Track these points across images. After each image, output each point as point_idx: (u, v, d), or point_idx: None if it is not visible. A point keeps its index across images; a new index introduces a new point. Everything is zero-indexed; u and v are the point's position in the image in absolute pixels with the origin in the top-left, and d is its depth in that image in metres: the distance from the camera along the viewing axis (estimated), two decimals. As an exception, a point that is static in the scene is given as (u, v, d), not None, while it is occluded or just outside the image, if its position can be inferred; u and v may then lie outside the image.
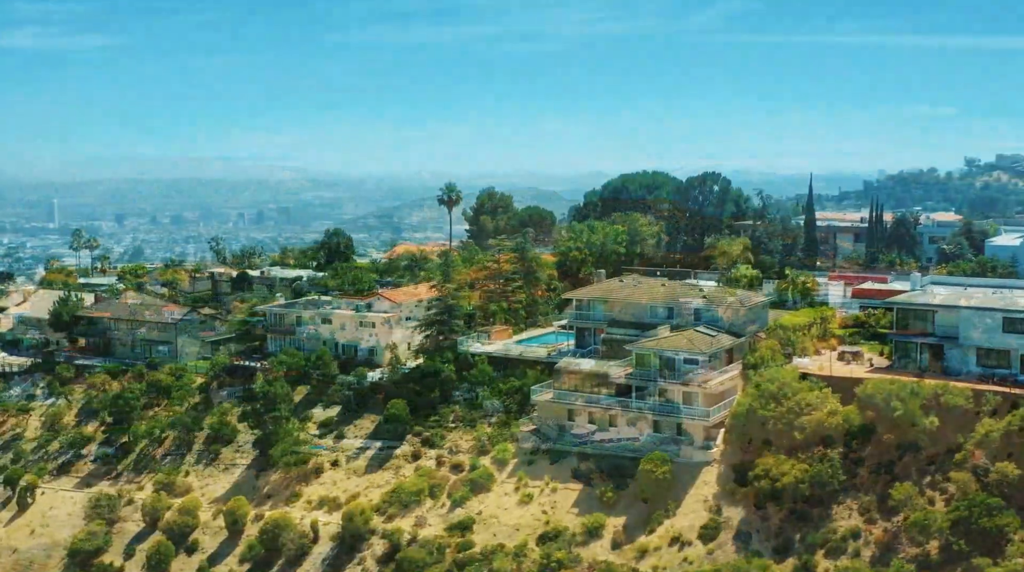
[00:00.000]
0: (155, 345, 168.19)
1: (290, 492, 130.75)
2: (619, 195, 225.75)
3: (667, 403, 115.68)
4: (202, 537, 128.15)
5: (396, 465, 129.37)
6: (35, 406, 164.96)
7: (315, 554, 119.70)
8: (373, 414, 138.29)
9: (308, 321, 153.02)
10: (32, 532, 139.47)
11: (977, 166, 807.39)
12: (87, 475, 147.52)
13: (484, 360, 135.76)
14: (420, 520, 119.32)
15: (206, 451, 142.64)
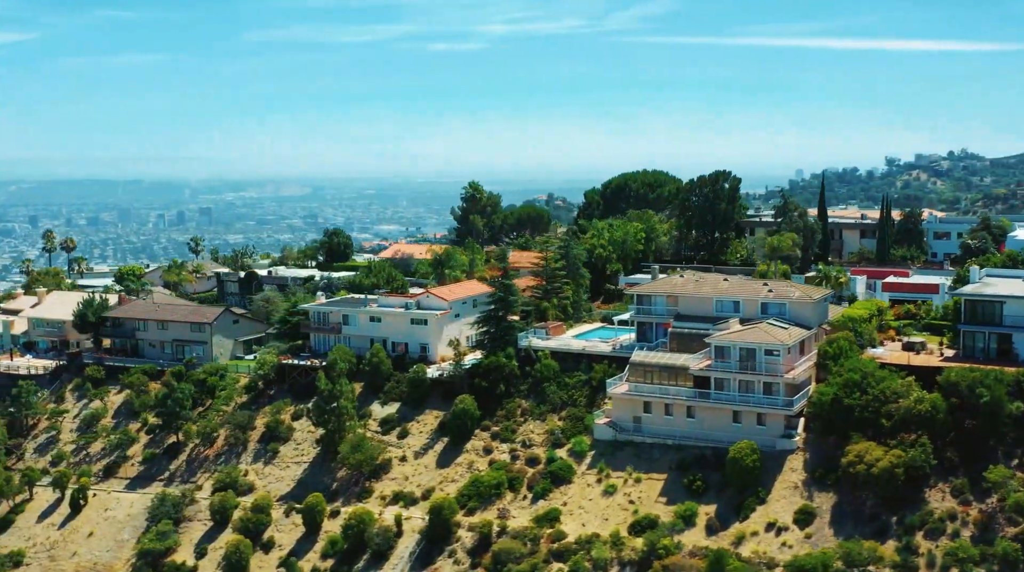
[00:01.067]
0: (187, 345, 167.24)
1: (360, 488, 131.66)
2: (621, 193, 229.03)
3: (748, 394, 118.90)
4: (276, 534, 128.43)
5: (468, 460, 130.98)
6: (67, 408, 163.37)
7: (400, 548, 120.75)
8: (436, 410, 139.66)
9: (357, 319, 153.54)
10: (90, 534, 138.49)
11: (897, 166, 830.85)
12: (137, 476, 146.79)
13: (547, 355, 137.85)
14: (503, 512, 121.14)
15: (263, 450, 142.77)
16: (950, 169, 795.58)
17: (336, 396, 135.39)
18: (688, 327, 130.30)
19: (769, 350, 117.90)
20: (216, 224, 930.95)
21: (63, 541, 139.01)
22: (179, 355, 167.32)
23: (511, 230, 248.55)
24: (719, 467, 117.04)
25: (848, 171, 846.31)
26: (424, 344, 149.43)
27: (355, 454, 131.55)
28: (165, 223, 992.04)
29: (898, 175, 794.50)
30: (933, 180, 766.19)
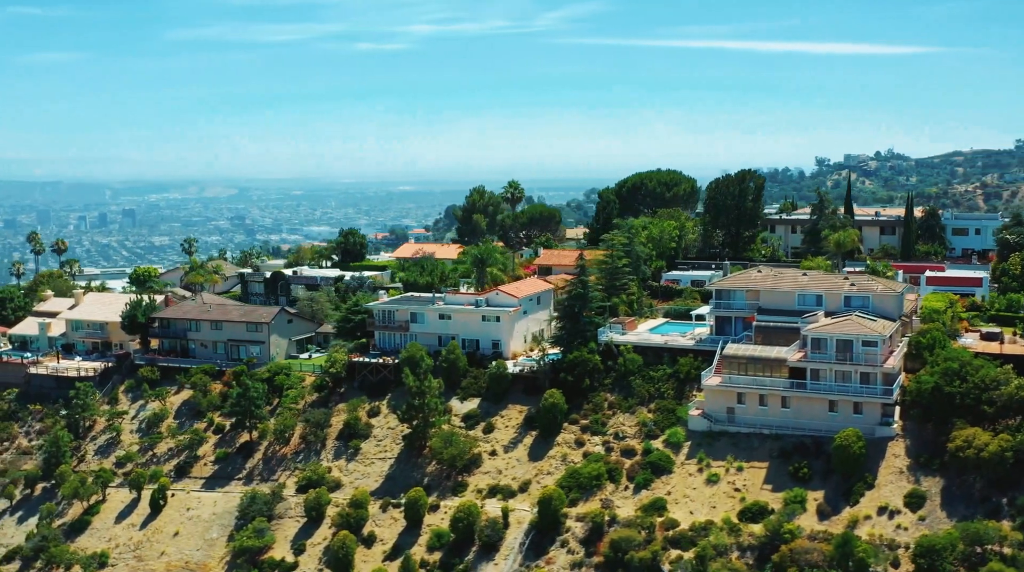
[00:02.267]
0: (242, 345, 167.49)
1: (453, 482, 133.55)
2: (637, 192, 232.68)
3: (845, 384, 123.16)
4: (376, 529, 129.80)
5: (561, 453, 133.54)
6: (122, 409, 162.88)
7: (510, 539, 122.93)
8: (519, 405, 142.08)
9: (426, 317, 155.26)
10: (176, 534, 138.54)
11: (827, 165, 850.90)
12: (212, 476, 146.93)
13: (629, 349, 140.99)
14: (606, 503, 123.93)
15: (343, 447, 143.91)
16: (877, 169, 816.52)
17: (424, 392, 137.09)
18: (773, 321, 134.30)
19: (867, 341, 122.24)
20: (140, 226, 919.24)
21: (147, 541, 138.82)
22: (234, 355, 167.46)
23: (521, 229, 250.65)
24: (819, 454, 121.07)
25: (780, 171, 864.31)
26: (496, 340, 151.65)
27: (448, 449, 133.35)
28: (87, 225, 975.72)
29: (828, 175, 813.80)
30: (862, 180, 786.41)
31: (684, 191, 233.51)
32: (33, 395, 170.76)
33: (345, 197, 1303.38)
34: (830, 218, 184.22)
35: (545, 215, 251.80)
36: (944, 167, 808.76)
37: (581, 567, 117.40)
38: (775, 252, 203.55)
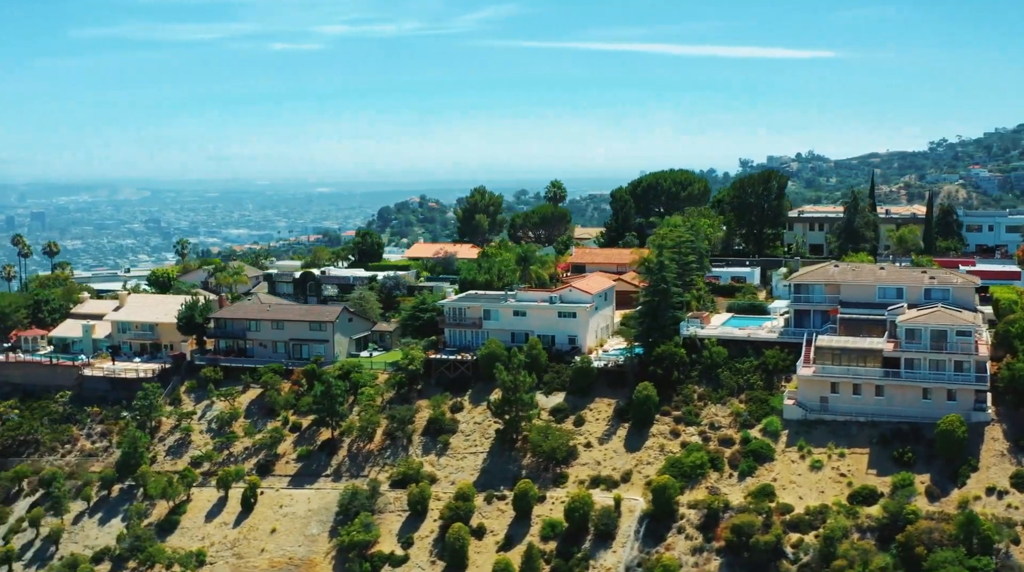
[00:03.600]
0: (304, 344, 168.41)
1: (553, 474, 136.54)
2: (653, 191, 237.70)
3: (939, 372, 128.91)
4: (484, 521, 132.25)
5: (658, 443, 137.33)
6: (187, 409, 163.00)
7: (624, 527, 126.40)
8: (606, 398, 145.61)
9: (500, 314, 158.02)
10: (273, 531, 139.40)
11: (751, 167, 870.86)
12: (297, 474, 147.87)
13: (714, 342, 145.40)
14: (713, 490, 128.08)
15: (431, 442, 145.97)
16: (799, 170, 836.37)
17: (517, 387, 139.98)
18: (856, 313, 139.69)
19: (961, 331, 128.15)
20: (50, 229, 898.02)
21: (244, 539, 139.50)
22: (296, 354, 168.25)
23: (532, 229, 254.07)
24: (919, 440, 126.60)
25: (705, 173, 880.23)
26: (573, 336, 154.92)
27: (546, 442, 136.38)
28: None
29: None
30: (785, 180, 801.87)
31: (697, 190, 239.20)
32: (87, 397, 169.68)
33: (263, 199, 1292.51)
34: (864, 215, 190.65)
35: (556, 215, 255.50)
36: (862, 168, 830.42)
37: (702, 552, 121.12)
38: (799, 249, 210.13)
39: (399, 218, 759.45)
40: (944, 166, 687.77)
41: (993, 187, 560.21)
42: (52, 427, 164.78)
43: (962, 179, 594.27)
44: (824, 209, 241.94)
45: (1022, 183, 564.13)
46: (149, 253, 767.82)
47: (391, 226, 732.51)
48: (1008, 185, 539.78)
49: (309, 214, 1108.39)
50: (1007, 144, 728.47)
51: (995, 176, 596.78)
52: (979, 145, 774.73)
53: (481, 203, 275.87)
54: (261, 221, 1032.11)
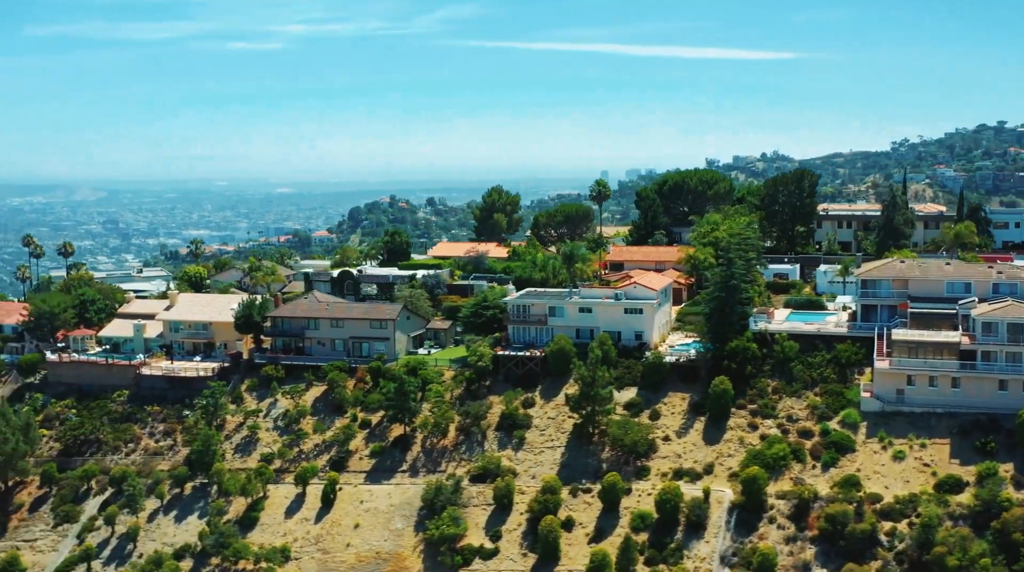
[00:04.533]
0: (364, 342, 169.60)
1: (633, 467, 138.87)
2: (679, 190, 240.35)
3: (1016, 364, 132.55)
4: (572, 513, 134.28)
5: (737, 436, 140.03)
6: (250, 407, 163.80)
7: (714, 518, 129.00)
8: (679, 393, 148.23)
9: (565, 311, 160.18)
10: (356, 526, 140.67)
11: (718, 166, 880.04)
12: (372, 470, 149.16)
13: (784, 337, 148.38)
14: (798, 480, 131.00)
15: (506, 437, 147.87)
16: (764, 170, 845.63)
17: (595, 382, 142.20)
18: (926, 307, 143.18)
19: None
20: (6, 231, 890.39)
21: (327, 534, 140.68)
22: (356, 352, 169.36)
23: (556, 227, 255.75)
24: (998, 430, 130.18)
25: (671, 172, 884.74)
26: (639, 332, 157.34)
27: (627, 435, 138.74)
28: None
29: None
30: (750, 180, 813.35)
31: (722, 189, 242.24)
32: (144, 397, 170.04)
33: (222, 199, 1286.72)
34: (903, 212, 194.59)
35: (580, 214, 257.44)
36: (826, 168, 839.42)
37: (795, 541, 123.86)
38: (830, 246, 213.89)
39: (370, 218, 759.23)
40: (908, 166, 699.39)
41: (957, 186, 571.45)
42: (113, 426, 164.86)
43: (928, 179, 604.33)
44: (851, 207, 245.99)
45: (987, 182, 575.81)
46: (108, 254, 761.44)
47: (362, 227, 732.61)
48: (973, 184, 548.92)
49: (270, 215, 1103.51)
50: (969, 144, 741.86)
51: (960, 175, 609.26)
52: (941, 145, 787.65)
53: (499, 202, 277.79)
54: (221, 222, 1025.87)
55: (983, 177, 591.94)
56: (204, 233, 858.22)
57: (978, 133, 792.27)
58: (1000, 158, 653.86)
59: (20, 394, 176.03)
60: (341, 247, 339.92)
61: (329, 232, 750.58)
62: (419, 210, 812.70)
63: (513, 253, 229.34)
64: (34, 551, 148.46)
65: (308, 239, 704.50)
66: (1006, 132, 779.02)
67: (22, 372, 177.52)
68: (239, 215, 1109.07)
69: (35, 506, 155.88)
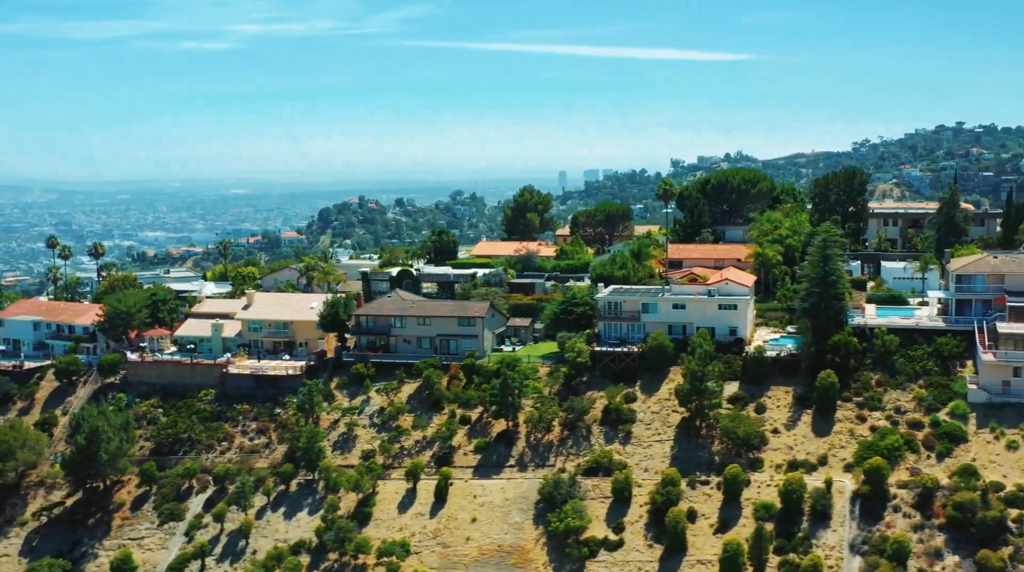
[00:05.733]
0: (452, 340, 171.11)
1: (746, 459, 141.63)
2: (723, 189, 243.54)
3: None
4: (693, 505, 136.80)
5: (847, 428, 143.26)
6: (343, 405, 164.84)
7: (837, 507, 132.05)
8: (782, 386, 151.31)
9: (659, 307, 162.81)
10: (473, 520, 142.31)
11: (682, 167, 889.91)
12: (479, 465, 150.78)
13: (884, 331, 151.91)
14: (914, 471, 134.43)
15: (612, 432, 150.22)
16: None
17: (704, 376, 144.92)
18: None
19: None
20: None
21: (445, 529, 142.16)
22: (443, 350, 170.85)
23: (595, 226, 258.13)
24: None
25: (638, 173, 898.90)
26: (734, 327, 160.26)
27: (741, 428, 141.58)
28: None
29: (684, 176, 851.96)
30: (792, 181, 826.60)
31: (764, 188, 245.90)
32: (230, 395, 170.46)
33: (176, 201, 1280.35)
34: (962, 210, 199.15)
35: (620, 213, 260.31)
36: (789, 168, 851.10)
37: (923, 529, 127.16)
38: (881, 244, 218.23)
39: (340, 219, 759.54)
40: (870, 166, 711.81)
41: (925, 186, 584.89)
42: (204, 425, 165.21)
43: (895, 178, 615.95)
44: (898, 205, 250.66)
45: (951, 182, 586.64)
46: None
47: (332, 227, 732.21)
48: (938, 183, 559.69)
49: (226, 216, 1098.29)
50: (931, 145, 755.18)
51: (926, 175, 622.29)
52: (903, 145, 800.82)
53: (531, 202, 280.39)
54: (177, 223, 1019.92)
55: (948, 177, 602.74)
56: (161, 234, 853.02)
57: (937, 133, 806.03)
58: (963, 158, 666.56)
59: (101, 394, 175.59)
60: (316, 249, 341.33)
61: (298, 233, 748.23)
62: (388, 211, 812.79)
63: (561, 252, 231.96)
64: (142, 549, 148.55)
65: (277, 240, 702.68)
66: (964, 133, 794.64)
67: (102, 372, 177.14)
68: (195, 216, 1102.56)
69: (136, 505, 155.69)
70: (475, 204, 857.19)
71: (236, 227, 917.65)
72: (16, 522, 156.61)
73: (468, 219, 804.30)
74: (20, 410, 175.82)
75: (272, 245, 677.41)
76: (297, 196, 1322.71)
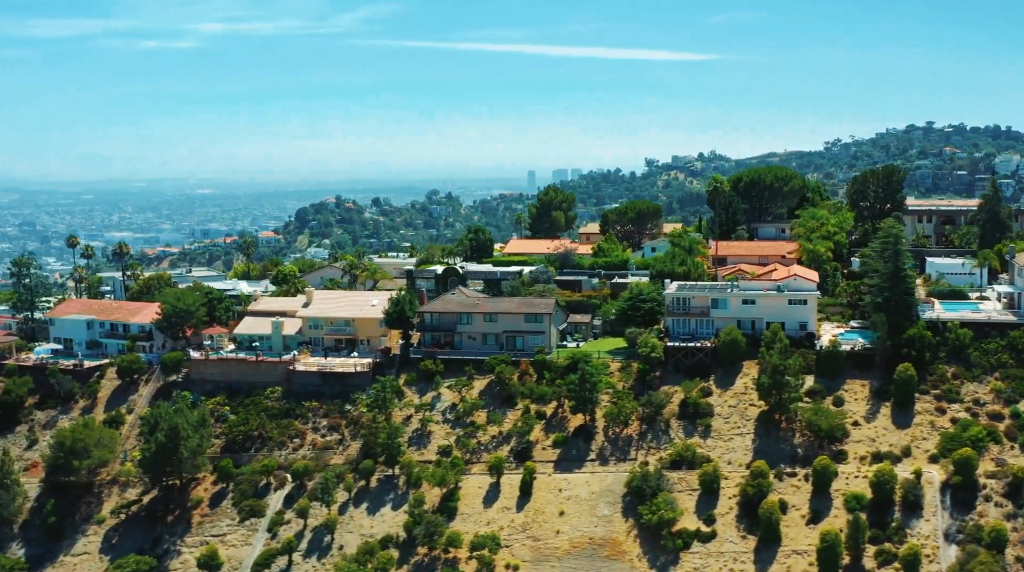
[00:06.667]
0: (518, 336, 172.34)
1: (830, 451, 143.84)
2: (755, 186, 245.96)
3: None
4: (783, 496, 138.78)
5: (927, 420, 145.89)
6: (413, 401, 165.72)
7: (928, 497, 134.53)
8: (857, 380, 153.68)
9: (728, 303, 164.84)
10: (561, 513, 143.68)
11: (656, 166, 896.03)
12: (560, 459, 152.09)
13: (957, 325, 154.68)
14: (999, 461, 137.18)
15: (691, 426, 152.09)
16: (703, 169, 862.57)
17: (784, 370, 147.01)
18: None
19: None
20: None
21: (533, 522, 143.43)
22: (510, 346, 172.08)
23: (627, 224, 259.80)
24: None
25: (612, 173, 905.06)
26: (804, 322, 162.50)
27: (825, 421, 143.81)
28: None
29: (658, 175, 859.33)
30: (689, 179, 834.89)
31: (796, 186, 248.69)
32: (296, 393, 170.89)
33: (141, 201, 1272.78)
34: (1006, 207, 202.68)
35: (651, 210, 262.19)
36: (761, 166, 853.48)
37: (1017, 518, 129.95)
38: (919, 240, 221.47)
39: (318, 219, 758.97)
40: (843, 165, 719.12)
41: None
42: (275, 422, 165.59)
43: None
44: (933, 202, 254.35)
45: (926, 181, 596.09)
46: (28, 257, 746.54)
47: (310, 227, 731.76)
48: (914, 183, 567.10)
49: (193, 216, 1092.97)
50: (904, 144, 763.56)
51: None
52: (875, 145, 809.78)
53: (555, 200, 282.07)
54: (144, 223, 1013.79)
55: (923, 175, 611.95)
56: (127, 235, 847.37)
57: (908, 133, 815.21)
58: (936, 157, 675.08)
59: (164, 392, 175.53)
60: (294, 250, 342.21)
61: (275, 233, 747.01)
62: (366, 211, 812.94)
63: (598, 249, 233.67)
64: (225, 545, 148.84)
65: (255, 240, 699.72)
66: (934, 132, 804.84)
67: (165, 370, 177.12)
68: (161, 217, 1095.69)
69: (214, 502, 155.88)
70: (451, 204, 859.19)
71: (204, 227, 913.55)
72: (93, 520, 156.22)
73: (445, 219, 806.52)
74: (83, 409, 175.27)
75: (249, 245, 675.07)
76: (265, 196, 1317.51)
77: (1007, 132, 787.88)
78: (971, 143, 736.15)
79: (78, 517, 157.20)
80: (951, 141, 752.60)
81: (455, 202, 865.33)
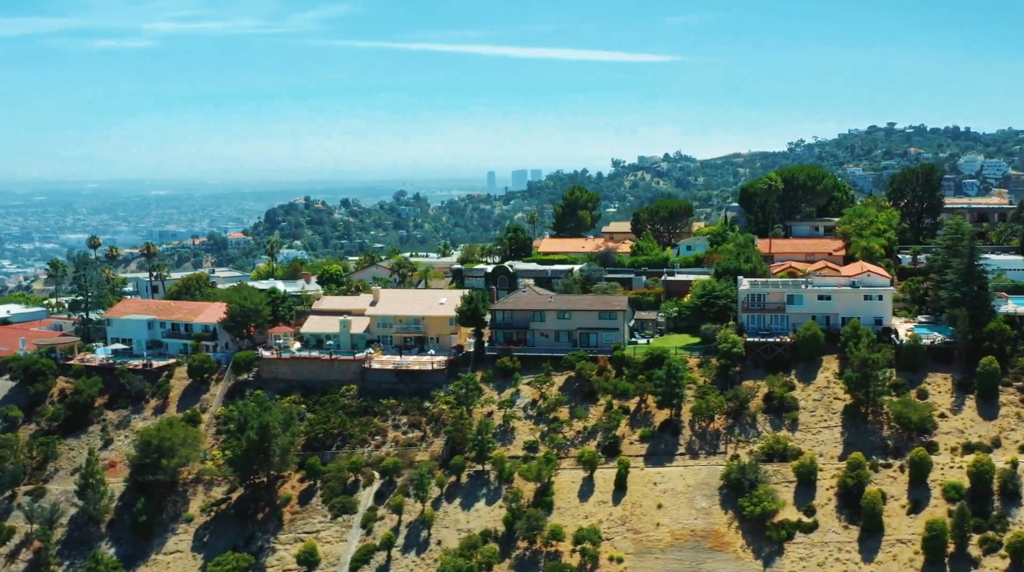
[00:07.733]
0: (591, 333, 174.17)
1: (917, 443, 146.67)
2: (790, 185, 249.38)
3: None
4: (881, 487, 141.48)
5: (1013, 412, 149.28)
6: (491, 397, 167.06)
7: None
8: (938, 373, 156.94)
9: (804, 299, 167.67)
10: (659, 506, 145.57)
11: (623, 167, 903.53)
12: (649, 453, 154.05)
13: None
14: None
15: (776, 419, 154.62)
16: (669, 170, 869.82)
17: (872, 364, 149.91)
18: None
19: None
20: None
21: (632, 515, 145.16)
22: (584, 343, 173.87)
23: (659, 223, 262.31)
24: None
25: (579, 173, 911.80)
26: (879, 317, 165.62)
27: (916, 413, 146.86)
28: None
29: (624, 176, 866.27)
30: (656, 180, 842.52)
31: (828, 185, 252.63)
32: (372, 390, 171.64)
33: (95, 202, 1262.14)
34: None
35: (683, 209, 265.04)
36: (727, 167, 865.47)
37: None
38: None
39: (288, 220, 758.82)
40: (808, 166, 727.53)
41: (868, 184, 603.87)
42: (355, 420, 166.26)
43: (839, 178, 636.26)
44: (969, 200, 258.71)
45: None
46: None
47: (280, 228, 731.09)
48: (881, 182, 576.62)
49: (150, 218, 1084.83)
50: (868, 145, 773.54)
51: (869, 174, 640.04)
52: (839, 145, 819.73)
53: (581, 199, 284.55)
54: (99, 225, 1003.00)
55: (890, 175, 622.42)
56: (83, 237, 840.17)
57: (870, 134, 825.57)
58: (902, 158, 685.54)
59: (236, 391, 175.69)
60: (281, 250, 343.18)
61: (245, 234, 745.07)
62: (335, 211, 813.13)
63: (637, 248, 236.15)
64: (320, 542, 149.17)
65: (224, 241, 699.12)
66: (896, 133, 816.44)
67: (236, 369, 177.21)
68: (116, 218, 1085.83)
69: (303, 499, 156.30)
70: (419, 205, 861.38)
71: (161, 229, 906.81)
72: (182, 518, 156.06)
73: (413, 220, 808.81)
74: (155, 408, 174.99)
75: (219, 246, 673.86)
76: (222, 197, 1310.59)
77: (966, 133, 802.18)
78: (934, 144, 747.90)
79: (165, 516, 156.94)
80: (912, 141, 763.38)
81: (423, 203, 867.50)
